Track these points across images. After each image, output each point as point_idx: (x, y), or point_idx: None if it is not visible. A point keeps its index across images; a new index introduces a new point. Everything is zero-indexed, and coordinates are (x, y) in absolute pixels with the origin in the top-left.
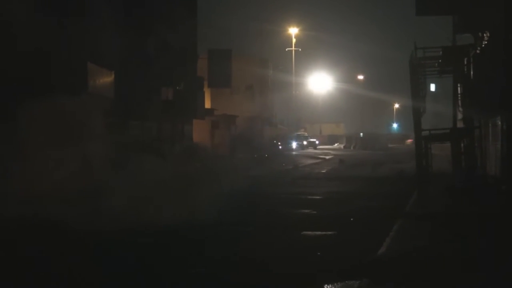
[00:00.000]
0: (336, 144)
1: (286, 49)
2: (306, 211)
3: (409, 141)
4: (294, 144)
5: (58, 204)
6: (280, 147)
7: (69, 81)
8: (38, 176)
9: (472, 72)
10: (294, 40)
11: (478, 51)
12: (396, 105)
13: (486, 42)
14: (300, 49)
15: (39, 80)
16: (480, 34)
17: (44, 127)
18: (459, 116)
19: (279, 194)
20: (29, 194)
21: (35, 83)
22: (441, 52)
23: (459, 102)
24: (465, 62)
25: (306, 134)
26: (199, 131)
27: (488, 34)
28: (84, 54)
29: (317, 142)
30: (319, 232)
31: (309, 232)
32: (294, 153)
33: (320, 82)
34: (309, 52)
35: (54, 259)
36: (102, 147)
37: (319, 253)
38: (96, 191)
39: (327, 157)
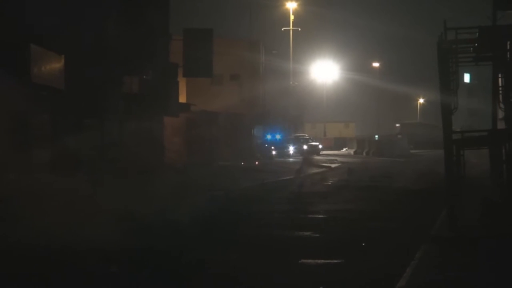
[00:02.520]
0: (344, 149)
1: (282, 29)
2: (306, 233)
3: None
4: (291, 149)
5: None
6: (274, 152)
7: (5, 67)
8: None
9: None
10: (292, 17)
11: None
12: (421, 100)
13: None
14: (299, 29)
15: None
16: None
17: None
18: (500, 114)
19: (272, 213)
20: None
21: None
22: (478, 34)
23: (500, 97)
24: (508, 47)
25: (306, 136)
26: (172, 132)
27: None
28: (25, 33)
29: (320, 146)
30: (321, 261)
31: (309, 261)
32: (291, 160)
33: (325, 71)
34: (311, 33)
35: None
36: (46, 153)
37: None
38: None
39: (333, 166)
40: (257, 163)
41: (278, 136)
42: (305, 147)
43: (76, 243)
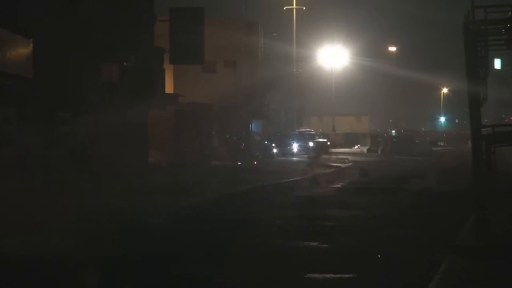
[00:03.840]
0: (356, 147)
1: (284, 8)
2: (313, 243)
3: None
4: (295, 147)
5: None
6: (274, 150)
7: None
8: None
9: None
10: None
11: None
12: (445, 90)
13: None
14: (304, 8)
15: None
16: None
17: None
18: None
19: (274, 220)
20: None
21: None
22: (510, 13)
23: None
24: None
25: (312, 131)
26: (157, 127)
27: None
28: None
29: (328, 143)
30: (330, 275)
31: (317, 275)
32: (295, 159)
33: (333, 57)
34: (318, 12)
35: None
36: (10, 152)
37: None
38: None
39: (343, 165)
40: (255, 162)
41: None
42: (311, 144)
43: None
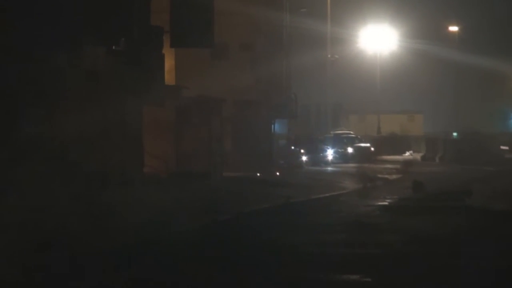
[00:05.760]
0: (408, 153)
1: None
2: (353, 276)
3: None
4: (329, 153)
5: None
6: (303, 158)
7: None
8: None
9: None
10: None
11: None
12: None
13: None
14: None
15: None
16: None
17: None
18: None
19: (303, 246)
20: None
21: None
22: None
23: None
24: None
25: (352, 134)
26: (155, 128)
27: None
28: None
29: (372, 149)
30: None
31: None
32: (329, 169)
33: (378, 39)
34: None
35: None
36: None
37: None
38: None
39: (391, 178)
40: (278, 173)
41: None
42: (350, 150)
43: None
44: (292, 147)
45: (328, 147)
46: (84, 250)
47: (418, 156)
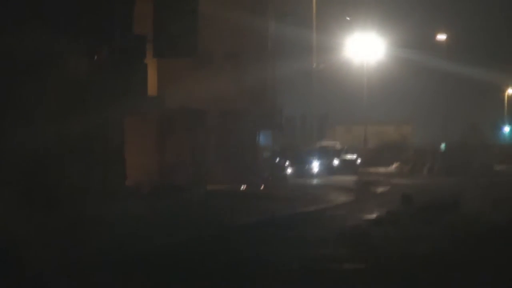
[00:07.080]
0: (395, 165)
1: None
2: None
3: None
4: (315, 165)
5: None
6: (289, 170)
7: None
8: None
9: None
10: None
11: None
12: (510, 91)
13: None
14: None
15: None
16: None
17: None
18: None
19: (290, 261)
20: None
21: None
22: None
23: None
24: None
25: (338, 145)
26: (137, 139)
27: None
28: None
29: (359, 161)
30: None
31: None
32: (314, 181)
33: (366, 48)
34: None
35: None
36: None
37: None
38: None
39: (379, 190)
40: (262, 186)
41: None
42: (336, 162)
43: None
44: (277, 159)
45: (314, 159)
46: (54, 265)
47: (406, 167)
